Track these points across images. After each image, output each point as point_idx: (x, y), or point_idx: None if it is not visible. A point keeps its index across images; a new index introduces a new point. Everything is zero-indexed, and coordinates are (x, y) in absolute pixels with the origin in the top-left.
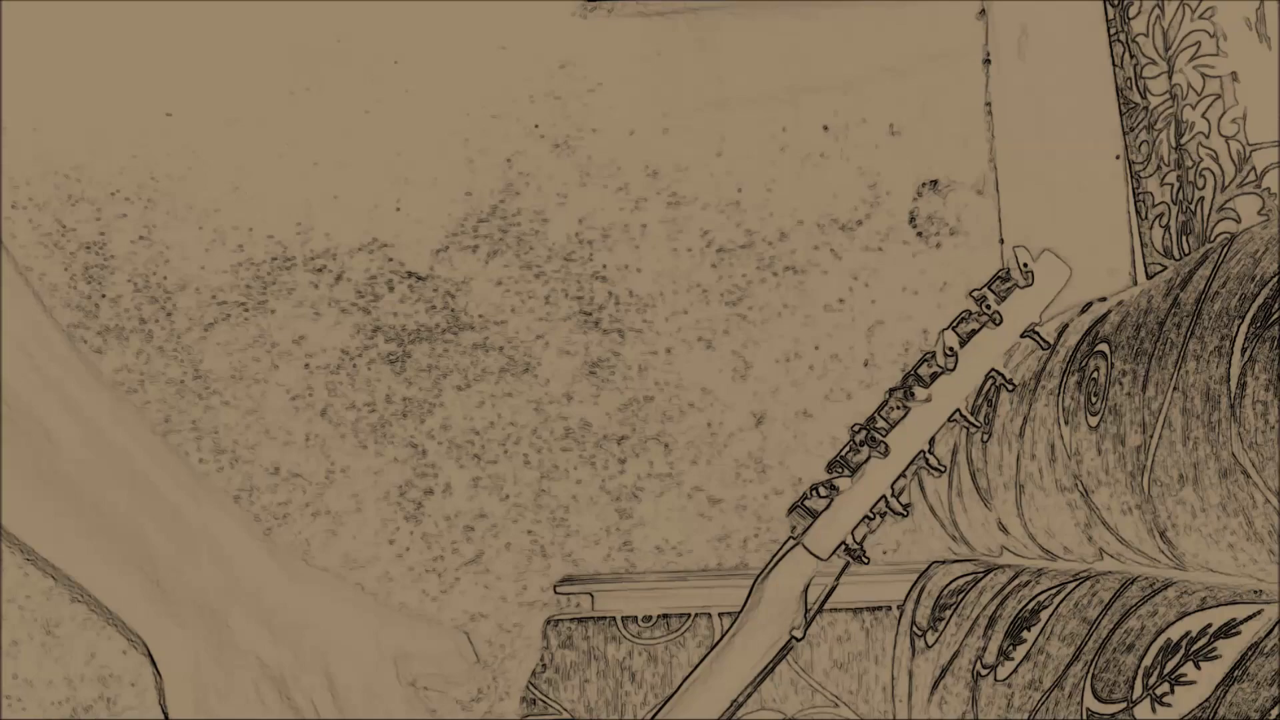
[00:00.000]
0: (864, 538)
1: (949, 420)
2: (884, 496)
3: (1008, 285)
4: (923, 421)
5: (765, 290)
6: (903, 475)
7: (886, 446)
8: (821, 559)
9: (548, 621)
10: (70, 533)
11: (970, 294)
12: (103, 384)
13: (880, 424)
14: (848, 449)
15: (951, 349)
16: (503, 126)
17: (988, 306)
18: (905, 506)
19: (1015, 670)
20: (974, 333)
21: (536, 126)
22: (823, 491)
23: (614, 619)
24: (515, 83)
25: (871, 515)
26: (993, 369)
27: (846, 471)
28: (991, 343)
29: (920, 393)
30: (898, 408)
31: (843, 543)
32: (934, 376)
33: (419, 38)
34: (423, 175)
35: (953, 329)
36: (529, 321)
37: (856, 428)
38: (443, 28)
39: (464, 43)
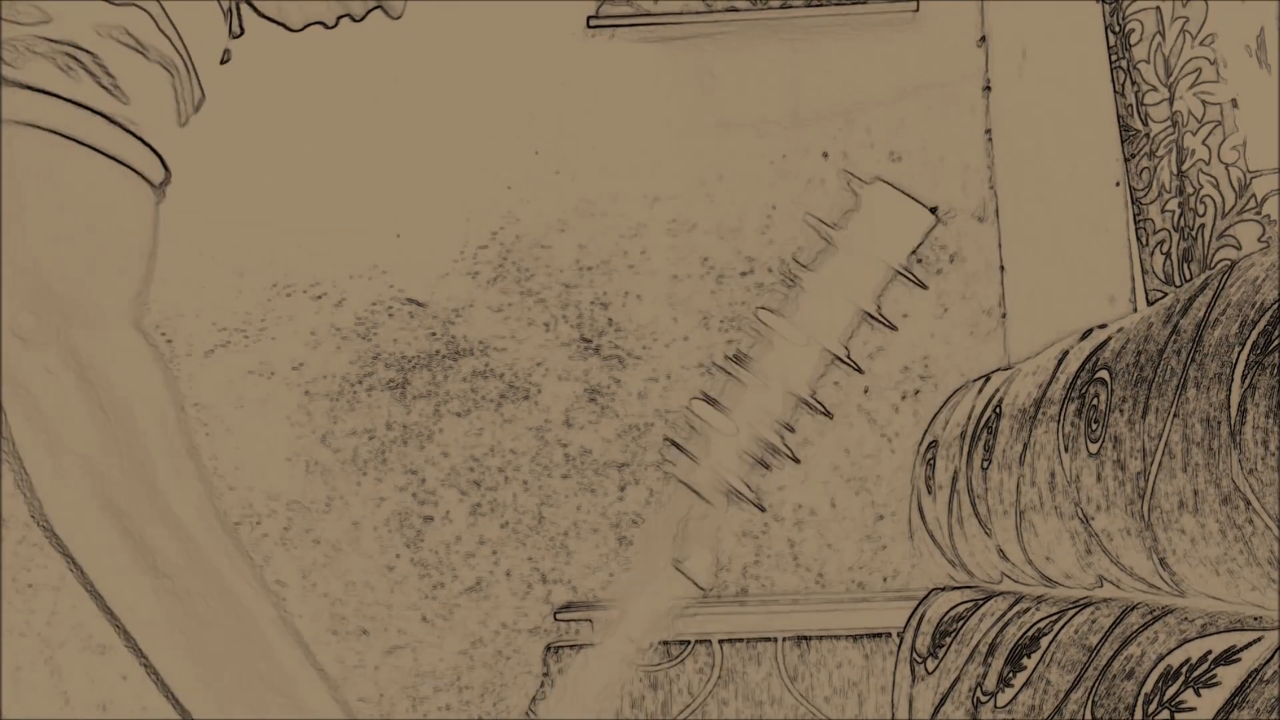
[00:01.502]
0: (754, 480)
1: (819, 358)
2: (768, 438)
3: (846, 215)
4: (795, 359)
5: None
6: (783, 420)
7: (752, 377)
8: (708, 500)
9: (547, 648)
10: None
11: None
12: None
13: (742, 357)
14: (714, 383)
15: (793, 273)
16: (503, 151)
17: (823, 229)
18: (792, 452)
19: (1015, 697)
20: (807, 264)
21: (537, 153)
22: (700, 409)
23: None
24: (516, 108)
25: (756, 457)
26: (865, 310)
27: (720, 406)
28: (855, 276)
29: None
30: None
31: (731, 485)
32: (795, 275)
33: (418, 60)
34: (423, 201)
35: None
36: (529, 348)
37: (728, 358)
38: (443, 52)
39: (464, 69)
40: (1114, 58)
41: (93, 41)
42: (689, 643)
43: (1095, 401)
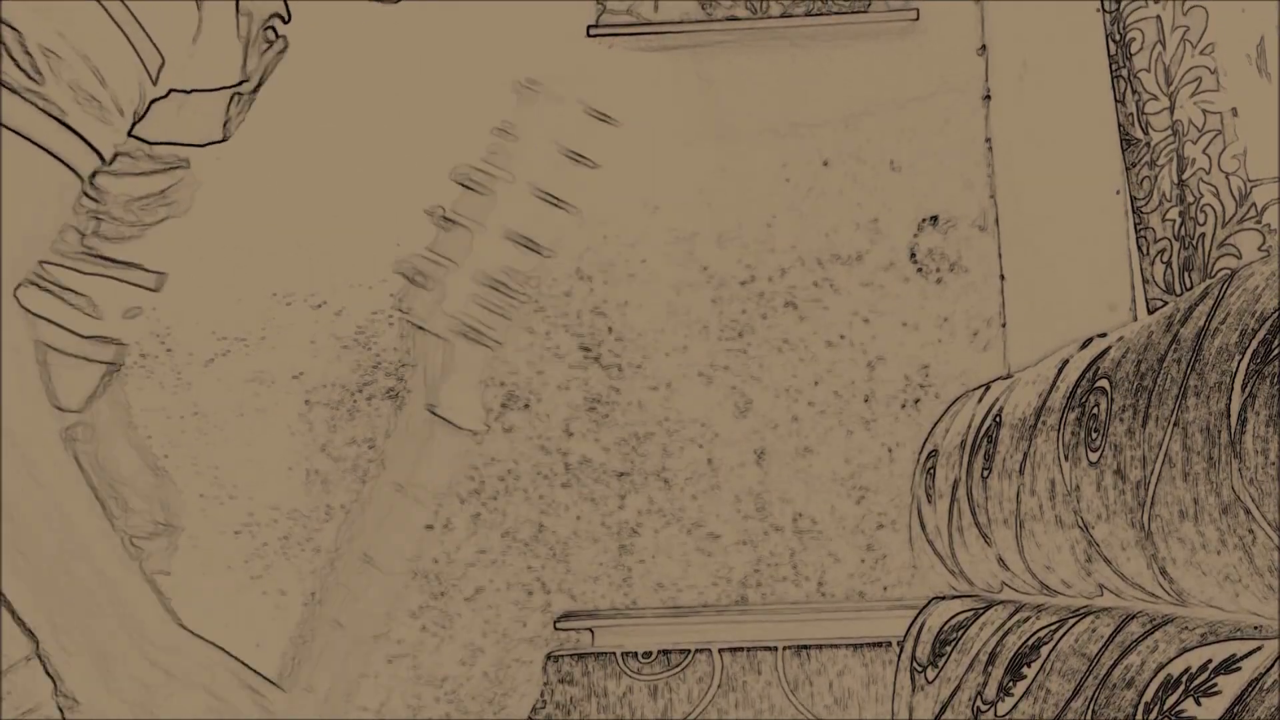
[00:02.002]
0: (491, 321)
1: (533, 199)
2: (496, 277)
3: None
4: (510, 202)
5: (765, 326)
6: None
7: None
8: (447, 340)
9: (548, 657)
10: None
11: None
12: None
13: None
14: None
15: (504, 128)
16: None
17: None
18: (523, 290)
19: (1015, 706)
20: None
21: None
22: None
23: (614, 655)
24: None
25: (487, 299)
26: (566, 148)
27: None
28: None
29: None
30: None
31: (466, 324)
32: (505, 130)
33: (417, 68)
34: (422, 209)
35: None
36: (529, 357)
37: (440, 208)
38: (442, 60)
39: (464, 77)
40: (1114, 66)
41: (23, 19)
42: (689, 652)
43: (1095, 410)
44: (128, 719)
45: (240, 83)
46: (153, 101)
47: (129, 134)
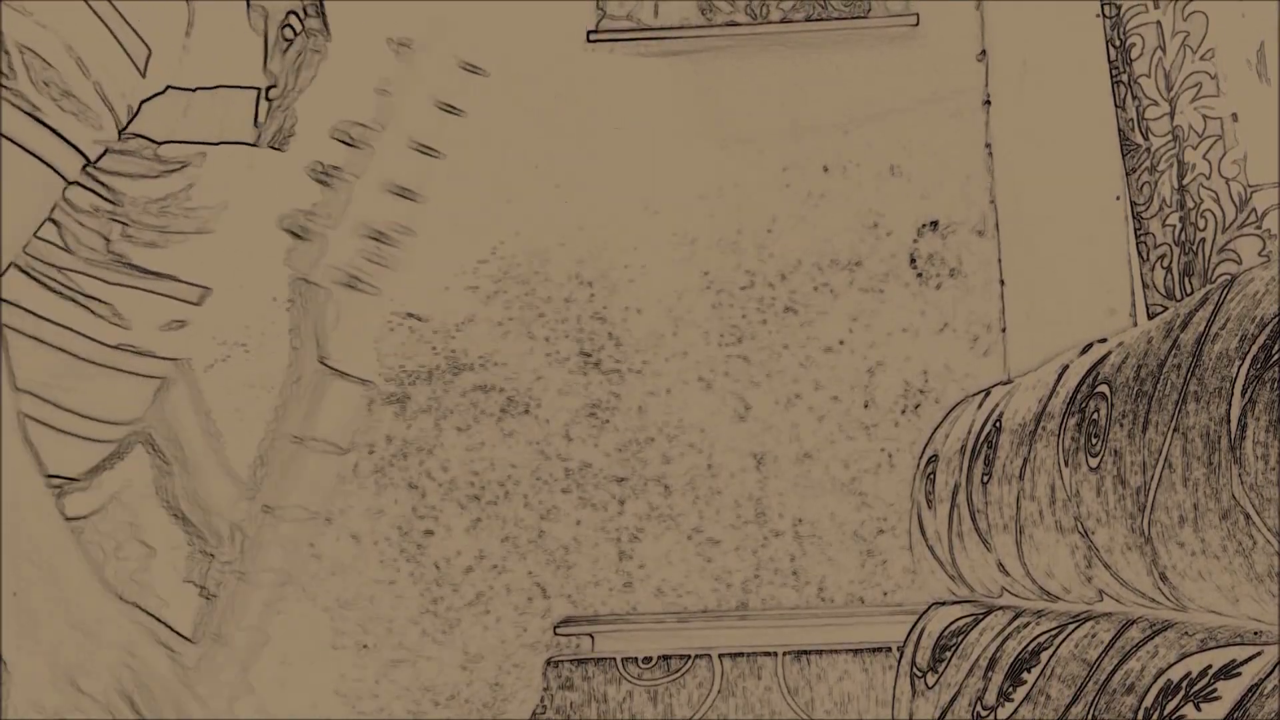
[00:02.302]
0: (372, 271)
1: (405, 150)
2: (376, 227)
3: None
4: (385, 155)
5: (765, 331)
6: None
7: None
8: (327, 289)
9: (548, 662)
10: None
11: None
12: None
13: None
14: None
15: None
16: (503, 165)
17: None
18: (396, 239)
19: (1015, 711)
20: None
21: (537, 167)
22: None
23: (614, 660)
24: (516, 121)
25: (370, 251)
26: (439, 102)
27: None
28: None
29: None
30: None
31: (348, 274)
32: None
33: None
34: (422, 215)
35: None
36: (529, 362)
37: (320, 163)
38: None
39: (464, 81)
40: (1115, 72)
41: (6, 14)
42: (689, 657)
43: (1095, 416)
44: (47, 677)
45: (269, 87)
46: (151, 97)
47: (130, 134)
